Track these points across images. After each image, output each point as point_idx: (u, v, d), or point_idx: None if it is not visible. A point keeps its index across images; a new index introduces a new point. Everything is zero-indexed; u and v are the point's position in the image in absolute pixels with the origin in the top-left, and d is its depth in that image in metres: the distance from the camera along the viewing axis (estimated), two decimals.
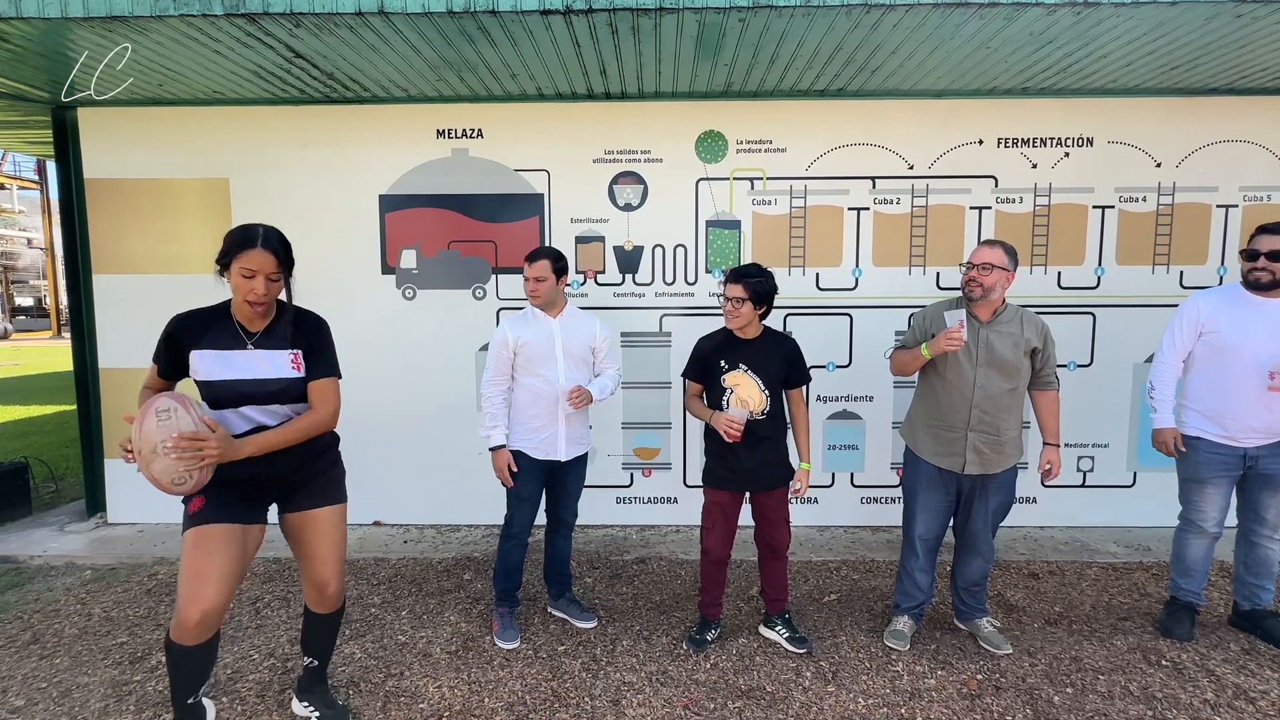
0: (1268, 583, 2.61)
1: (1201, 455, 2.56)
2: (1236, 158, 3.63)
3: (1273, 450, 2.48)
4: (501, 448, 2.55)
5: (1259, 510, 2.56)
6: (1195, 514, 2.62)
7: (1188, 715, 2.20)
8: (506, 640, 2.61)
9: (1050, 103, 3.62)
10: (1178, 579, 2.70)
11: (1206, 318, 2.54)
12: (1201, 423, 2.57)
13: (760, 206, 3.73)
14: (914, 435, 2.60)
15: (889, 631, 2.65)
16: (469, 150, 3.70)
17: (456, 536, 3.77)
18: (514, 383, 2.61)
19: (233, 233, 1.82)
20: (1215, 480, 2.55)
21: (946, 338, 2.29)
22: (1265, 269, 2.43)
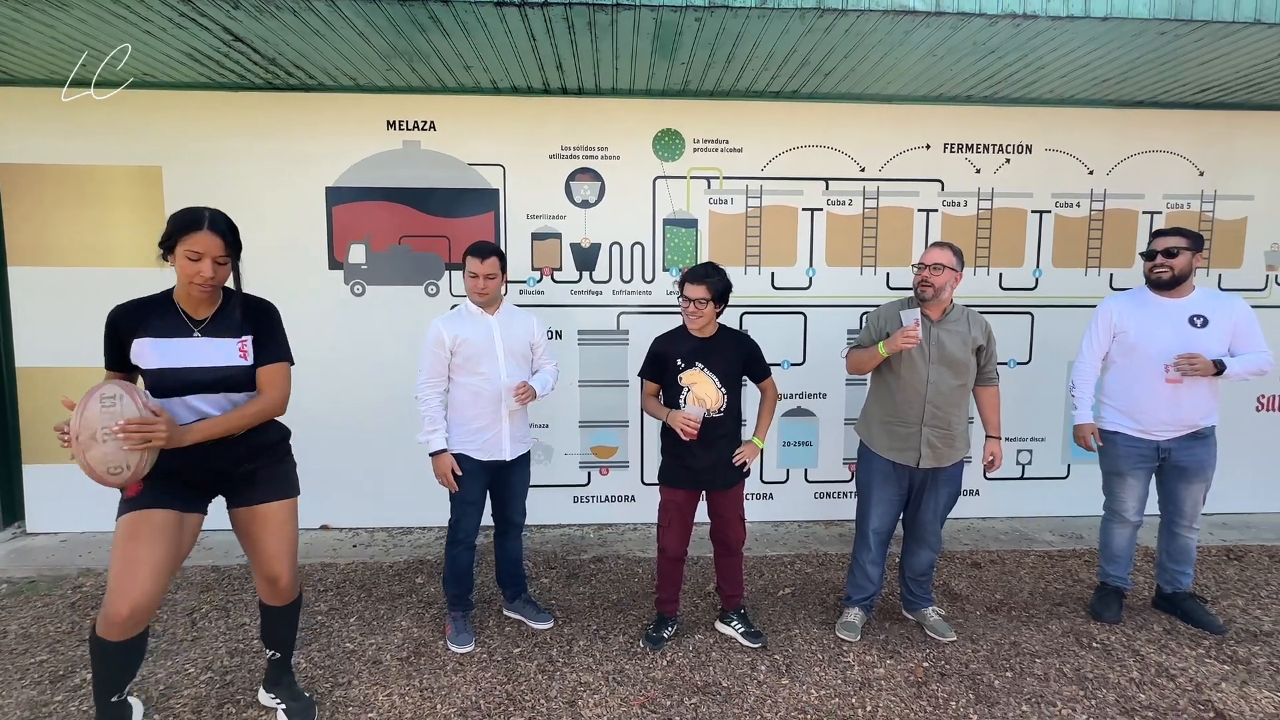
0: (1187, 568, 2.78)
1: (1119, 449, 2.72)
2: (1160, 167, 3.85)
3: (1182, 443, 2.64)
4: (443, 452, 2.47)
5: (1176, 502, 2.72)
6: (1117, 504, 2.77)
7: (1115, 693, 2.32)
8: (460, 644, 2.56)
9: (993, 110, 3.76)
10: (1105, 566, 2.86)
11: (1118, 319, 2.70)
12: (1118, 418, 2.72)
13: (717, 206, 3.75)
14: (869, 432, 2.66)
15: (840, 623, 2.72)
16: (421, 143, 3.60)
17: (409, 539, 3.67)
18: (450, 383, 2.53)
19: (177, 214, 1.76)
20: (1133, 472, 2.71)
21: (903, 336, 2.37)
22: (1164, 266, 2.60)
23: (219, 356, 1.82)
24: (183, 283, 1.78)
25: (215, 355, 1.81)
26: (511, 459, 2.60)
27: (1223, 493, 4.06)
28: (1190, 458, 2.64)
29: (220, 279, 1.80)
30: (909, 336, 2.36)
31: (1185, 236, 2.60)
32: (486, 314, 2.55)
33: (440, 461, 2.48)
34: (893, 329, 2.46)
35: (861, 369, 2.60)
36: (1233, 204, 3.90)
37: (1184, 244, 2.58)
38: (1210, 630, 2.70)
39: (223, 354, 1.82)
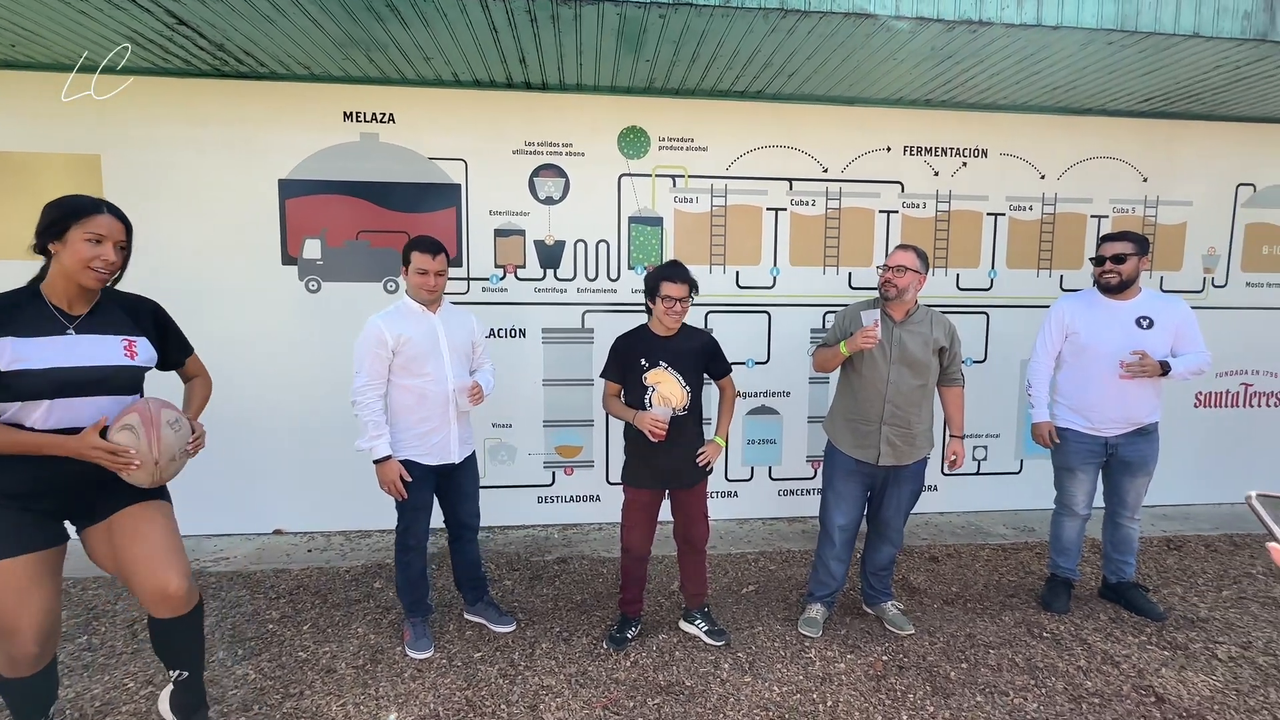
0: (1130, 558, 2.90)
1: (1071, 445, 2.82)
2: (1107, 173, 4.00)
3: (1129, 439, 2.75)
4: (389, 458, 2.37)
5: (1120, 494, 2.84)
6: (1068, 498, 2.87)
7: (1064, 681, 2.40)
8: (419, 650, 2.50)
9: (950, 115, 3.85)
10: (1056, 558, 2.96)
11: (1070, 319, 2.79)
12: (1070, 416, 2.82)
13: (682, 204, 3.75)
14: (834, 429, 2.70)
15: (803, 619, 2.75)
16: (379, 135, 3.50)
17: (367, 543, 3.57)
18: (388, 386, 2.42)
19: (63, 201, 1.68)
20: (1083, 468, 2.81)
21: (863, 336, 2.41)
22: (1112, 271, 2.70)
23: (100, 355, 1.68)
24: (75, 270, 1.64)
25: (95, 354, 1.68)
26: (460, 461, 2.54)
27: (1163, 485, 4.24)
28: (1135, 453, 2.75)
29: (117, 267, 1.72)
30: (868, 336, 2.40)
31: (1132, 241, 2.70)
32: (429, 312, 2.46)
33: (388, 469, 2.36)
34: (856, 329, 2.50)
35: (826, 367, 2.64)
36: (1173, 209, 4.08)
37: (1131, 250, 2.68)
38: (1151, 618, 2.81)
39: (104, 352, 1.69)
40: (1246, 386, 4.30)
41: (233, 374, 3.50)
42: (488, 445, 3.75)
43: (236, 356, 3.50)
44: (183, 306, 3.44)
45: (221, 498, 3.58)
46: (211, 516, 3.60)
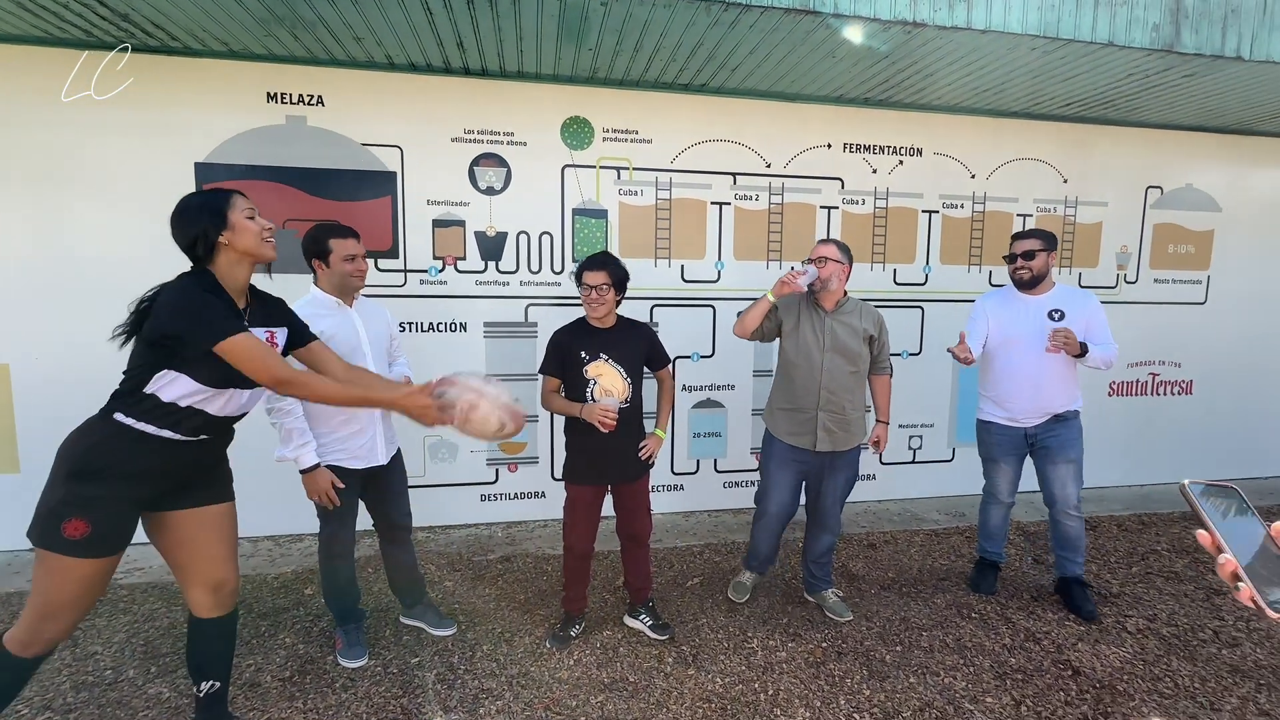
0: (1073, 555, 2.90)
1: (994, 437, 2.95)
2: (1031, 174, 4.19)
3: (1046, 427, 2.87)
4: (317, 466, 2.23)
5: (1050, 486, 2.88)
6: (993, 487, 3.01)
7: (990, 659, 2.51)
8: (351, 659, 2.39)
9: (888, 114, 3.95)
10: (983, 542, 3.10)
11: (989, 312, 2.91)
12: (992, 409, 2.95)
13: (627, 197, 3.72)
14: (772, 418, 2.77)
15: (733, 584, 2.92)
16: (307, 119, 3.32)
17: (298, 548, 3.41)
18: None
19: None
20: (1005, 459, 2.95)
21: (787, 279, 2.46)
22: (1024, 268, 2.83)
23: None
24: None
25: None
26: (387, 461, 2.45)
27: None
28: (1054, 439, 2.86)
29: None
30: (790, 279, 2.45)
31: (1040, 238, 2.83)
32: (345, 306, 2.34)
33: (319, 477, 2.23)
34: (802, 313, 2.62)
35: (749, 325, 2.59)
36: (1091, 209, 4.32)
37: (1039, 246, 2.82)
38: (1081, 615, 2.80)
39: None
40: (1154, 376, 4.61)
41: None
42: (428, 443, 3.64)
43: None
44: (91, 301, 3.21)
45: None
46: None
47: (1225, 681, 2.39)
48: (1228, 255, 4.58)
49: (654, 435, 2.55)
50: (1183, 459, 4.70)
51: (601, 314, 2.42)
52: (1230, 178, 4.51)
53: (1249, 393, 4.78)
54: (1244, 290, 4.64)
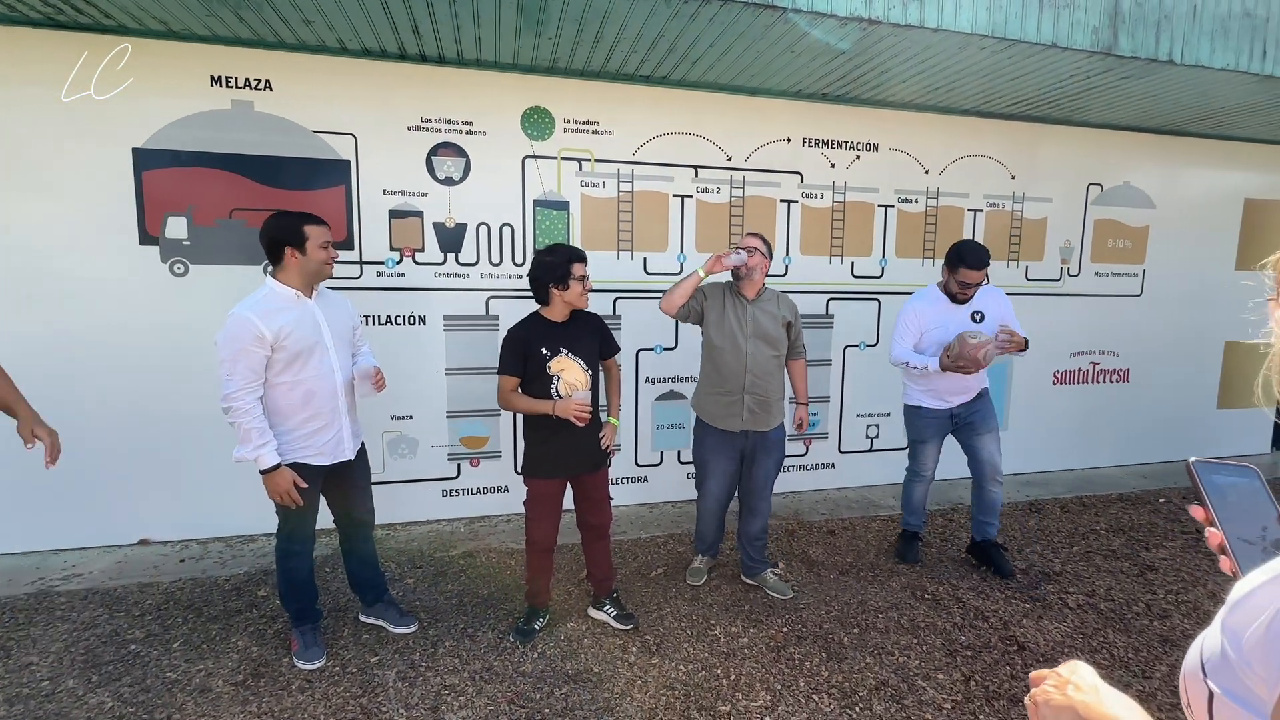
0: (993, 519, 3.19)
1: (924, 419, 3.17)
2: (981, 170, 4.34)
3: (968, 405, 3.13)
4: (279, 466, 2.16)
5: (976, 454, 3.15)
6: (918, 465, 3.24)
7: (942, 638, 2.61)
8: (308, 660, 2.33)
9: (845, 110, 4.02)
10: (907, 516, 3.33)
11: (923, 319, 3.07)
12: (921, 396, 3.16)
13: (589, 189, 3.69)
14: (702, 405, 2.89)
15: (689, 569, 3.06)
16: (254, 104, 3.19)
17: (251, 548, 3.30)
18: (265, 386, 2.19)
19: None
20: (933, 438, 3.19)
21: (719, 258, 2.61)
22: (963, 294, 3.02)
23: None
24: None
25: None
26: (354, 455, 2.40)
27: (1026, 455, 4.72)
28: (977, 414, 3.14)
29: None
30: (722, 260, 2.61)
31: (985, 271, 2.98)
32: (305, 298, 2.26)
33: (281, 478, 2.15)
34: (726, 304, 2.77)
35: (675, 302, 2.66)
36: (1037, 205, 4.49)
37: (983, 276, 2.99)
38: (1000, 574, 3.11)
39: None
40: (1095, 365, 4.84)
41: (86, 369, 3.12)
42: (386, 439, 3.56)
43: (90, 348, 3.11)
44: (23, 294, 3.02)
45: (74, 507, 3.18)
46: (61, 529, 3.19)
47: (1156, 651, 2.54)
48: (1162, 250, 4.83)
49: (609, 424, 2.57)
50: (1121, 443, 4.95)
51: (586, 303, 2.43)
52: (1164, 176, 4.74)
53: (1180, 380, 5.06)
54: (1176, 283, 4.90)
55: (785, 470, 4.23)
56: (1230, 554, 0.66)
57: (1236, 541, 0.66)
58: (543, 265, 2.38)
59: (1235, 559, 0.65)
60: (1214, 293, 4.97)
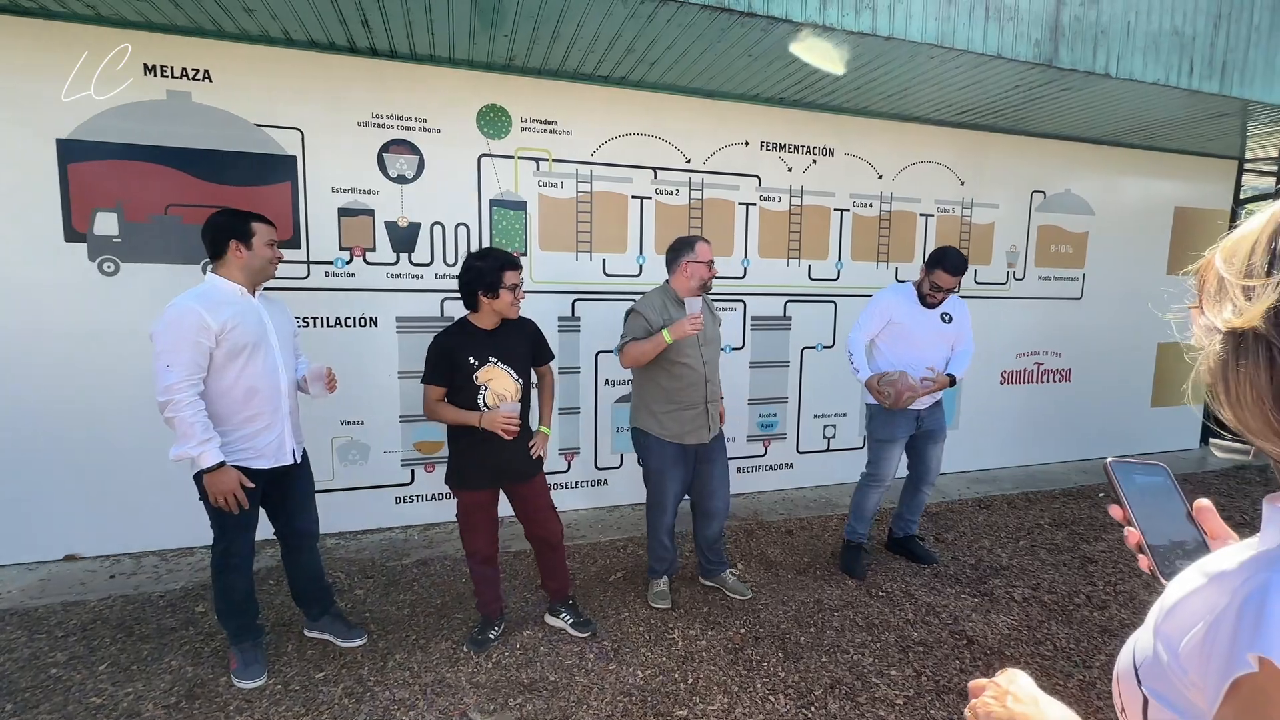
0: (918, 517, 3.36)
1: (896, 418, 3.14)
2: (932, 176, 4.45)
3: (931, 411, 3.17)
4: (224, 464, 2.06)
5: (926, 462, 3.23)
6: (879, 469, 3.17)
7: (895, 634, 2.66)
8: (248, 678, 2.22)
9: (802, 114, 4.07)
10: (855, 524, 3.24)
11: (894, 312, 3.10)
12: None
13: (547, 189, 3.65)
14: (658, 423, 2.72)
15: (653, 594, 2.88)
16: (192, 95, 3.04)
17: (188, 561, 3.14)
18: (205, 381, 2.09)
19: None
20: (900, 439, 3.16)
21: (691, 323, 2.49)
22: (933, 297, 3.05)
23: None
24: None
25: None
26: (295, 461, 2.31)
27: (976, 453, 4.86)
28: (935, 421, 3.19)
29: None
30: (696, 322, 2.50)
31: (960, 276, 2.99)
32: (250, 297, 2.20)
33: (226, 477, 2.05)
34: (676, 317, 2.58)
35: (643, 360, 2.61)
36: (985, 210, 4.64)
37: (956, 283, 3.01)
38: (926, 563, 3.25)
39: None
40: (1039, 365, 5.02)
41: (7, 373, 2.92)
42: (336, 444, 3.44)
43: (10, 351, 2.92)
44: None
45: None
46: None
47: (1096, 641, 2.64)
48: (1100, 255, 5.05)
49: (540, 432, 2.49)
50: (1063, 440, 5.16)
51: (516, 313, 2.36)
52: (1103, 185, 4.97)
53: (1117, 380, 5.30)
54: (1114, 287, 5.13)
55: (745, 471, 4.28)
56: (1148, 552, 0.67)
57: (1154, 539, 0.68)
58: (473, 270, 2.27)
59: (1153, 557, 0.66)
60: (1147, 296, 5.22)
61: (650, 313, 2.63)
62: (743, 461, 4.28)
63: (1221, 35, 3.54)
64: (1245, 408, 0.48)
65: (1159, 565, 0.66)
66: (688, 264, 2.65)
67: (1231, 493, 4.53)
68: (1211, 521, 0.70)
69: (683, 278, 2.66)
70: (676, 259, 2.68)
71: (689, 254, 2.65)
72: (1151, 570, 0.66)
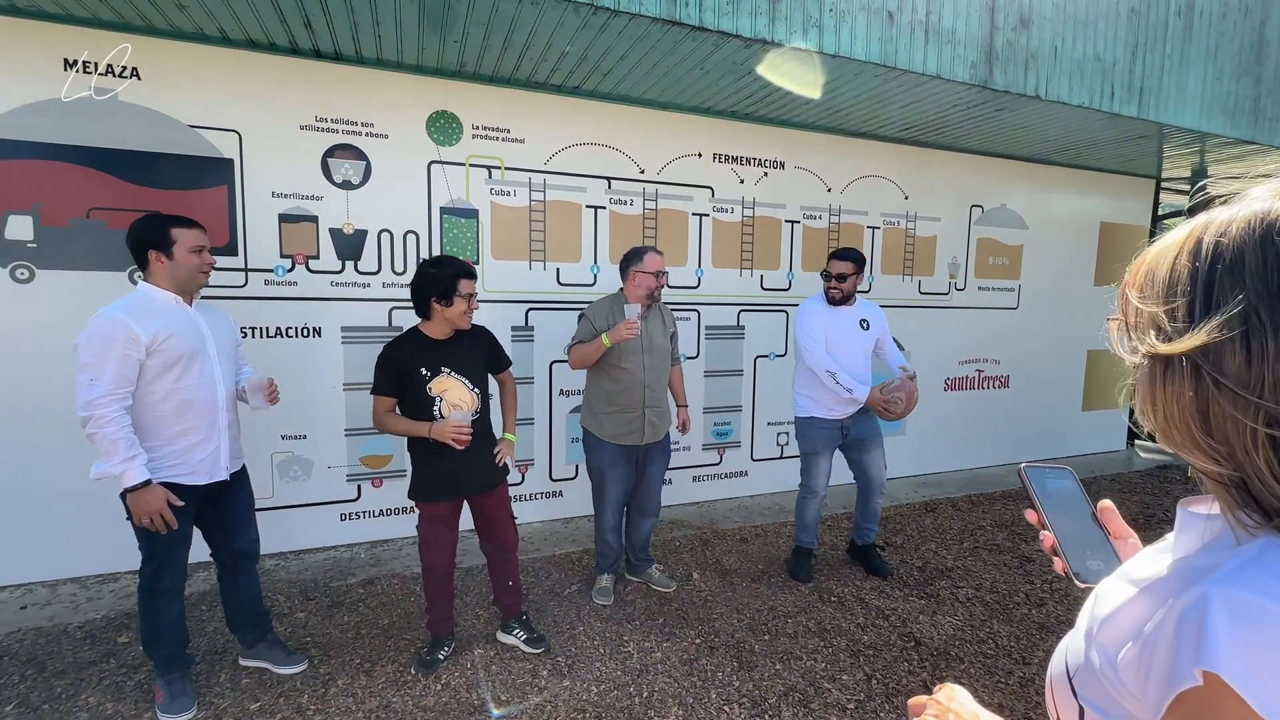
0: (874, 525, 3.35)
1: (816, 430, 3.17)
2: (878, 190, 4.60)
3: (856, 419, 3.18)
4: (149, 483, 1.95)
5: (866, 470, 3.24)
6: (811, 481, 3.22)
7: (846, 639, 2.70)
8: (176, 712, 2.09)
9: (754, 127, 4.15)
10: (800, 533, 3.30)
11: (820, 317, 3.12)
12: (813, 405, 3.17)
13: (499, 197, 3.60)
14: (597, 423, 2.87)
15: (596, 590, 3.01)
16: (118, 93, 2.88)
17: (111, 588, 2.93)
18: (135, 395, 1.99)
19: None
20: (826, 450, 3.20)
21: (626, 327, 2.61)
22: (836, 288, 3.11)
23: None
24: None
25: None
26: (229, 477, 2.20)
27: (921, 457, 5.02)
28: (864, 429, 3.21)
29: None
30: (631, 327, 2.62)
31: (853, 262, 3.10)
32: (185, 306, 2.10)
33: (152, 496, 1.94)
34: (615, 322, 2.72)
35: (587, 362, 2.79)
36: (928, 224, 4.82)
37: (852, 270, 3.10)
38: (880, 575, 3.25)
39: None
40: (980, 372, 5.23)
41: None
42: (276, 460, 3.29)
43: None
44: None
45: None
46: None
47: (1034, 638, 2.75)
48: (1034, 266, 5.31)
49: (505, 439, 2.49)
50: (1003, 444, 5.38)
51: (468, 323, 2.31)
52: (1035, 200, 5.23)
53: (1050, 386, 5.58)
54: (1047, 297, 5.40)
55: (700, 480, 4.30)
56: (1062, 554, 0.69)
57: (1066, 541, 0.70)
58: (427, 277, 2.23)
59: (1067, 559, 0.68)
60: (1077, 306, 5.52)
61: (598, 318, 2.79)
62: (698, 470, 4.30)
63: (1139, 62, 3.79)
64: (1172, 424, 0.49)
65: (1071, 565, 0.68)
66: (635, 274, 2.78)
67: (1155, 491, 4.81)
68: (1113, 521, 0.73)
69: (631, 287, 2.80)
70: (627, 269, 2.82)
71: (637, 264, 2.79)
72: (1065, 571, 0.68)
